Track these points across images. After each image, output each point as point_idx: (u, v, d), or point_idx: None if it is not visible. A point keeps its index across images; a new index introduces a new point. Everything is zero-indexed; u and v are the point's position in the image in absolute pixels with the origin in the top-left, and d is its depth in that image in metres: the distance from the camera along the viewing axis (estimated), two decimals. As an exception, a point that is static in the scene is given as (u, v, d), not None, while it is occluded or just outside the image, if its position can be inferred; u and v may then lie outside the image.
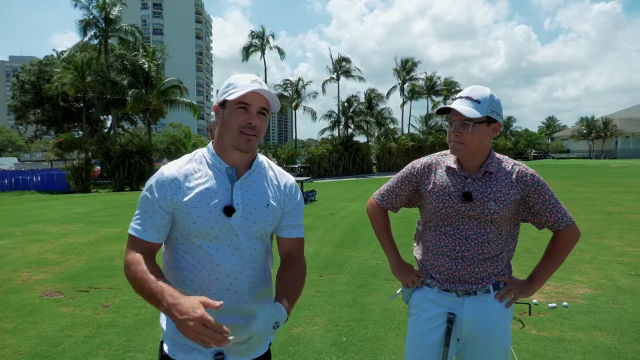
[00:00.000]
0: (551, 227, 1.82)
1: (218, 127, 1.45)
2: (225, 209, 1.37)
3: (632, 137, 63.49)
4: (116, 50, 33.79)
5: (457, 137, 1.72)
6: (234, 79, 1.43)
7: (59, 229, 9.50)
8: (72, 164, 27.20)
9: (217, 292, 1.41)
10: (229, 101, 1.39)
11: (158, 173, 1.42)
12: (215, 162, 1.44)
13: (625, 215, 10.13)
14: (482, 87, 1.74)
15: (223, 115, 1.42)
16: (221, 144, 1.45)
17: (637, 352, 3.34)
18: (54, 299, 4.76)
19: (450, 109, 1.72)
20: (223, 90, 1.43)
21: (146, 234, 1.38)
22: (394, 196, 1.96)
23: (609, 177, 22.99)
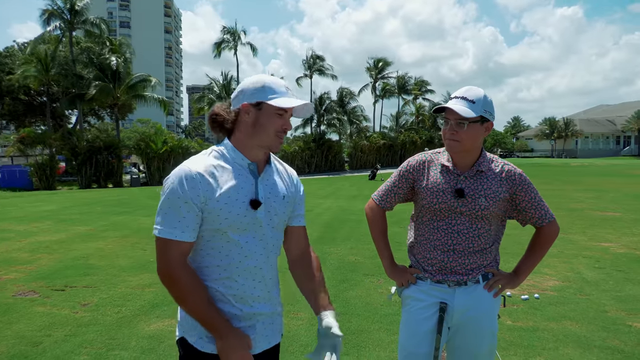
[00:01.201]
0: (535, 224, 1.95)
1: (246, 125, 1.47)
2: (251, 202, 1.43)
3: (591, 137, 66.45)
4: (82, 43, 32.67)
5: (453, 135, 1.80)
6: (269, 82, 1.47)
7: (27, 227, 9.17)
8: (36, 160, 26.18)
9: (244, 283, 1.47)
10: (269, 105, 1.44)
11: (183, 169, 1.39)
12: (236, 158, 1.47)
13: (588, 211, 10.65)
14: (476, 87, 1.83)
15: (258, 116, 1.45)
16: (246, 142, 1.48)
17: (603, 340, 3.56)
18: (29, 299, 4.63)
19: (446, 108, 1.81)
20: (258, 91, 1.45)
21: (184, 234, 1.38)
22: (392, 195, 2.03)
23: (570, 176, 24.03)
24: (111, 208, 12.81)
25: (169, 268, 1.38)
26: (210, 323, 1.38)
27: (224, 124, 1.50)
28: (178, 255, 1.38)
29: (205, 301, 1.39)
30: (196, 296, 1.38)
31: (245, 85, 1.49)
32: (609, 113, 74.24)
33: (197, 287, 1.39)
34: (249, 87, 1.47)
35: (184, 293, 1.38)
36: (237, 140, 1.49)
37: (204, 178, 1.39)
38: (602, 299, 4.50)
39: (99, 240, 7.72)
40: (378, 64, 44.72)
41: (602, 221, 9.26)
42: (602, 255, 6.31)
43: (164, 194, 1.40)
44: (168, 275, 1.38)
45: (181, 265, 1.39)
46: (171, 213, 1.38)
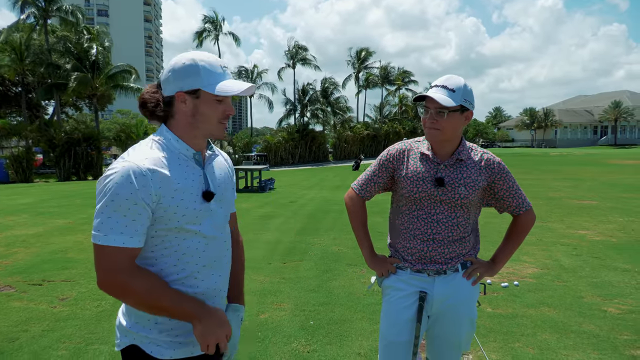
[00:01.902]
0: (512, 212, 1.97)
1: (185, 115, 1.34)
2: (204, 194, 1.34)
3: (569, 127, 67.83)
4: (58, 32, 31.75)
5: (433, 124, 1.80)
6: (204, 63, 1.31)
7: (2, 220, 8.93)
8: (11, 152, 25.49)
9: (204, 279, 1.39)
10: (206, 93, 1.30)
11: (130, 166, 1.22)
12: (180, 148, 1.34)
13: (565, 200, 10.88)
14: (456, 76, 1.82)
15: (196, 105, 1.32)
16: (187, 131, 1.35)
17: (579, 325, 3.65)
18: (5, 294, 4.51)
19: (426, 96, 1.80)
20: (192, 76, 1.30)
21: (133, 240, 1.23)
22: (372, 184, 2.02)
23: (549, 165, 24.49)
24: (91, 201, 12.56)
25: (118, 278, 1.22)
26: (182, 312, 1.28)
27: (155, 112, 1.36)
28: (125, 262, 1.23)
29: (169, 293, 1.28)
30: (159, 292, 1.26)
31: (175, 67, 1.32)
32: (587, 103, 75.81)
33: (156, 283, 1.27)
34: (181, 70, 1.31)
35: (144, 297, 1.24)
36: (178, 129, 1.35)
37: (156, 174, 1.24)
38: (579, 285, 4.61)
39: (78, 233, 7.57)
40: (361, 54, 44.66)
41: (579, 209, 9.47)
42: (579, 243, 6.46)
43: (107, 195, 1.20)
44: (118, 286, 1.23)
45: (131, 269, 1.24)
46: (117, 216, 1.20)
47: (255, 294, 4.47)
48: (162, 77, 1.37)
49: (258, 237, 7.17)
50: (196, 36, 37.35)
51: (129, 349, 1.36)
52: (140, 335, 1.34)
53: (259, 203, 11.41)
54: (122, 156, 1.28)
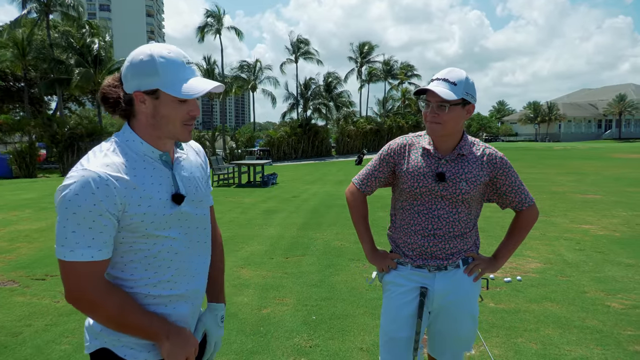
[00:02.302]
0: (515, 207, 1.95)
1: (146, 116, 1.24)
2: (173, 197, 1.26)
3: (573, 121, 67.43)
4: (60, 27, 31.71)
5: (434, 118, 1.77)
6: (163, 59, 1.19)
7: (6, 215, 8.97)
8: (15, 147, 25.53)
9: (181, 282, 1.32)
10: (166, 94, 1.20)
11: (90, 175, 1.13)
12: (145, 150, 1.25)
13: (569, 194, 10.83)
14: (458, 69, 1.79)
15: (156, 106, 1.21)
16: (150, 132, 1.25)
17: (582, 320, 3.64)
18: (8, 288, 4.54)
19: (427, 90, 1.77)
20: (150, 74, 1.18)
21: (101, 253, 1.15)
22: (373, 179, 2.00)
23: (553, 159, 24.38)
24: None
25: (87, 294, 1.15)
26: (150, 331, 1.23)
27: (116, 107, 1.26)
28: (95, 276, 1.16)
29: (139, 312, 1.22)
30: (129, 311, 1.20)
31: (134, 62, 1.20)
32: (592, 97, 75.30)
33: (126, 301, 1.20)
34: (138, 68, 1.19)
35: (113, 314, 1.18)
36: (140, 130, 1.25)
37: (120, 181, 1.16)
38: (582, 280, 4.59)
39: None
40: (363, 48, 44.42)
41: (583, 204, 9.42)
42: (583, 238, 6.43)
43: (68, 208, 1.11)
44: (87, 302, 1.16)
45: (101, 285, 1.17)
46: (82, 230, 1.12)
47: (257, 288, 4.48)
48: (122, 71, 1.24)
49: (260, 232, 7.17)
50: (198, 31, 37.23)
51: (99, 352, 1.28)
52: (112, 339, 1.26)
53: (261, 198, 11.42)
54: (81, 163, 1.17)
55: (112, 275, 1.25)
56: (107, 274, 1.23)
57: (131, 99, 1.23)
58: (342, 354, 3.12)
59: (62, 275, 1.16)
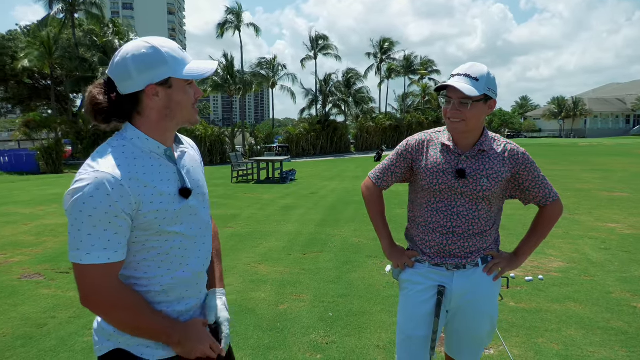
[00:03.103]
0: (538, 203, 1.90)
1: (157, 109, 1.24)
2: (181, 192, 1.27)
3: (600, 117, 65.54)
4: (84, 26, 32.43)
5: (455, 115, 1.73)
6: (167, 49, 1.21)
7: (33, 210, 9.24)
8: (42, 144, 26.26)
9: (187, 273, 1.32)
10: (178, 80, 1.22)
11: (103, 176, 1.11)
12: (151, 146, 1.24)
13: (594, 192, 10.54)
14: (479, 64, 1.74)
15: (169, 95, 1.22)
16: (161, 125, 1.25)
17: (607, 321, 3.54)
18: (34, 281, 4.67)
19: (448, 86, 1.73)
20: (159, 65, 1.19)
21: (117, 254, 1.15)
22: (389, 174, 1.98)
23: (578, 156, 23.76)
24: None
25: (103, 296, 1.15)
26: (164, 333, 1.24)
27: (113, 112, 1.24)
28: (111, 278, 1.16)
29: (151, 313, 1.22)
30: (142, 312, 1.20)
31: (138, 59, 1.18)
32: (619, 91, 73.03)
33: (139, 302, 1.21)
34: (147, 62, 1.18)
35: (128, 315, 1.18)
36: (146, 126, 1.25)
37: (132, 180, 1.16)
38: (607, 281, 4.47)
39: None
40: (384, 44, 44.06)
41: (609, 202, 9.16)
42: (608, 236, 6.25)
43: (82, 211, 1.10)
44: (103, 304, 1.17)
45: (116, 286, 1.17)
46: (98, 233, 1.11)
47: (275, 284, 4.50)
48: (115, 74, 1.20)
49: (279, 228, 7.20)
50: (219, 28, 37.53)
51: (113, 353, 1.27)
52: (126, 338, 1.25)
53: (280, 194, 11.47)
54: (90, 164, 1.15)
55: (125, 275, 1.24)
56: (121, 275, 1.22)
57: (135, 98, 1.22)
58: (358, 351, 3.12)
59: (78, 279, 1.15)
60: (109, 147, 1.21)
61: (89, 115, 1.24)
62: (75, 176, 1.15)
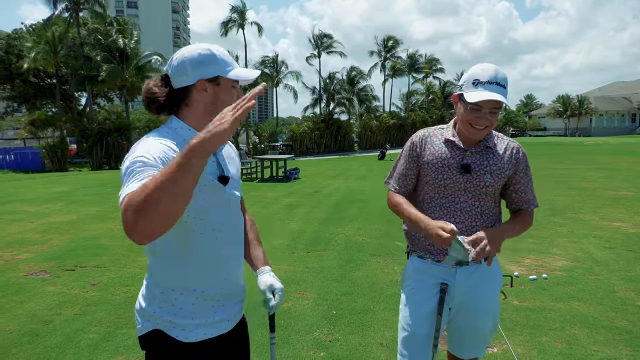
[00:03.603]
0: (522, 207, 1.88)
1: (204, 103, 1.37)
2: (220, 179, 1.40)
3: (605, 115, 65.10)
4: (89, 25, 32.52)
5: (484, 122, 1.71)
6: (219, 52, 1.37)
7: (38, 208, 9.30)
8: (47, 142, 26.41)
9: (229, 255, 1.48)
10: (226, 79, 1.36)
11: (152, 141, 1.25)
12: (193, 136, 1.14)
13: (599, 191, 10.48)
14: (499, 68, 1.72)
15: (217, 92, 1.36)
16: (206, 119, 1.26)
17: (611, 320, 3.53)
18: (40, 278, 4.71)
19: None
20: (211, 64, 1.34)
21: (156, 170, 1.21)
22: (405, 179, 1.96)
23: (583, 155, 23.63)
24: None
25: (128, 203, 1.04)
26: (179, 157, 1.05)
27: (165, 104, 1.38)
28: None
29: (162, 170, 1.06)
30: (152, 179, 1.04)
31: (193, 57, 1.34)
32: (625, 90, 72.51)
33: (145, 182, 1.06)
34: (199, 59, 1.34)
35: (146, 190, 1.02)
36: (191, 118, 1.38)
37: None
38: (612, 279, 4.45)
39: (109, 221, 7.80)
40: (388, 42, 43.94)
41: (614, 200, 9.11)
42: (613, 235, 6.22)
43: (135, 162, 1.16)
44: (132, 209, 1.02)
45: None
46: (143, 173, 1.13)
47: (278, 282, 4.51)
48: (172, 69, 1.37)
49: (282, 226, 7.22)
50: (222, 26, 37.58)
51: (151, 334, 1.39)
52: (164, 320, 1.36)
53: (283, 192, 11.48)
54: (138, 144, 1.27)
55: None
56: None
57: (185, 92, 1.36)
58: (361, 349, 3.13)
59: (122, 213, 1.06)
60: (156, 133, 1.35)
61: (144, 104, 1.41)
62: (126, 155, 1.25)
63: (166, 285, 1.40)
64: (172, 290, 1.39)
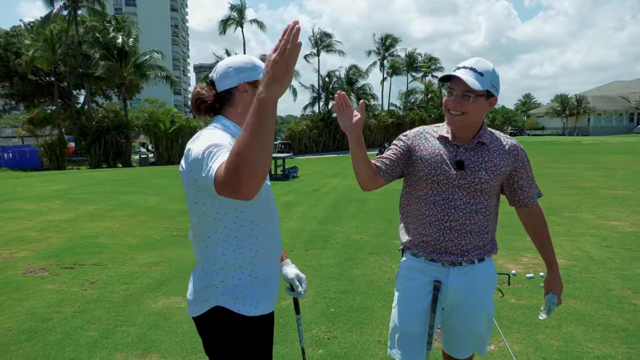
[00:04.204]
0: (525, 204, 1.89)
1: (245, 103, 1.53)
2: None
3: (603, 115, 65.28)
4: (87, 22, 32.45)
5: (456, 107, 1.72)
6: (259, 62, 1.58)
7: (37, 206, 9.30)
8: (45, 140, 26.39)
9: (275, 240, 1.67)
10: None
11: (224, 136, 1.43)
12: (238, 132, 1.52)
13: (597, 190, 10.52)
14: (485, 59, 1.73)
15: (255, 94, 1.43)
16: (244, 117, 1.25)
17: (607, 318, 3.56)
18: (39, 276, 4.72)
19: (452, 77, 1.71)
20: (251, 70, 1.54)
21: None
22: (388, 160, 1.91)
23: (581, 154, 23.69)
24: (120, 187, 12.93)
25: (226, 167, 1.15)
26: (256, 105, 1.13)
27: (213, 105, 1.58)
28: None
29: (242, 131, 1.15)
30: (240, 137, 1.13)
31: (237, 64, 1.56)
32: (623, 89, 72.69)
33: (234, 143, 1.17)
34: (242, 66, 1.55)
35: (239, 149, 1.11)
36: (235, 116, 1.56)
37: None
38: (608, 278, 4.48)
39: (108, 219, 7.81)
40: (386, 41, 43.95)
41: (611, 199, 9.15)
42: (610, 234, 6.26)
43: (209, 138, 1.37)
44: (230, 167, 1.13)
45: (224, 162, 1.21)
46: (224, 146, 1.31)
47: (277, 280, 4.53)
48: (218, 74, 1.57)
49: (281, 225, 7.18)
50: (221, 24, 37.55)
51: (211, 312, 1.51)
52: (225, 297, 1.49)
53: (282, 191, 11.50)
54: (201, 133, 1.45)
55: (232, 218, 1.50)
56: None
57: (229, 93, 1.55)
58: (359, 346, 3.15)
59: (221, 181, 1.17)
60: (213, 127, 1.53)
61: (192, 106, 1.60)
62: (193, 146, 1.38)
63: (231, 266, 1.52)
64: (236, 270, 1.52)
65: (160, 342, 3.23)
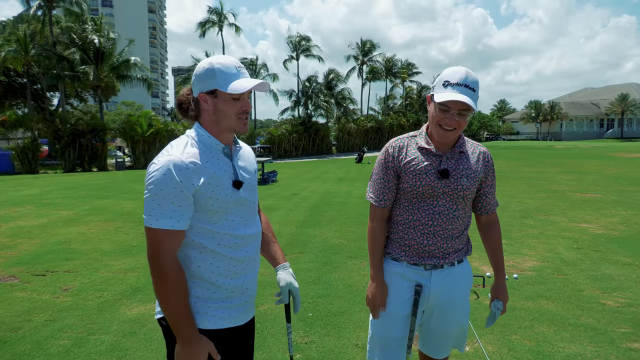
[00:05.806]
0: (487, 210, 1.97)
1: (208, 113, 1.52)
2: (234, 183, 1.52)
3: (575, 120, 67.32)
4: (62, 23, 31.71)
5: (454, 125, 1.74)
6: (219, 66, 1.47)
7: (7, 211, 9.02)
8: (17, 143, 25.61)
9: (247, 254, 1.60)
10: (222, 92, 1.47)
11: (173, 160, 1.40)
12: (212, 143, 1.52)
13: (569, 193, 10.83)
14: (471, 72, 1.75)
15: (215, 103, 1.49)
16: (214, 128, 1.52)
17: (578, 317, 3.66)
18: (8, 284, 4.57)
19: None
20: (210, 78, 1.47)
21: (180, 223, 1.42)
22: (387, 191, 1.93)
23: (554, 158, 24.35)
24: (95, 192, 12.65)
25: (161, 261, 1.40)
26: (181, 326, 1.43)
27: (188, 111, 1.58)
28: (171, 248, 1.42)
29: (185, 303, 1.44)
30: (180, 296, 1.42)
31: (197, 72, 1.51)
32: (594, 96, 75.12)
33: (181, 287, 1.43)
34: (201, 74, 1.49)
35: (169, 291, 1.41)
36: (206, 126, 1.54)
37: (196, 165, 1.44)
38: (579, 279, 4.62)
39: (82, 224, 7.63)
40: (365, 46, 44.32)
41: (583, 203, 9.43)
42: (581, 236, 6.45)
43: (155, 185, 1.39)
44: (159, 269, 1.40)
45: (173, 260, 1.42)
46: (165, 204, 1.39)
47: (255, 285, 4.50)
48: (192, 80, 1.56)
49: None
50: (200, 26, 37.24)
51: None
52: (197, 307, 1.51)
53: (261, 195, 11.42)
54: (166, 150, 1.46)
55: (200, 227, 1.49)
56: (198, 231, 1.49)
57: (198, 102, 1.53)
58: (337, 350, 3.16)
59: (147, 240, 1.42)
60: (181, 140, 1.52)
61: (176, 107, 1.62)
62: (154, 159, 1.44)
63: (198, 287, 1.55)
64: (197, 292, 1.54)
65: (135, 350, 3.17)
